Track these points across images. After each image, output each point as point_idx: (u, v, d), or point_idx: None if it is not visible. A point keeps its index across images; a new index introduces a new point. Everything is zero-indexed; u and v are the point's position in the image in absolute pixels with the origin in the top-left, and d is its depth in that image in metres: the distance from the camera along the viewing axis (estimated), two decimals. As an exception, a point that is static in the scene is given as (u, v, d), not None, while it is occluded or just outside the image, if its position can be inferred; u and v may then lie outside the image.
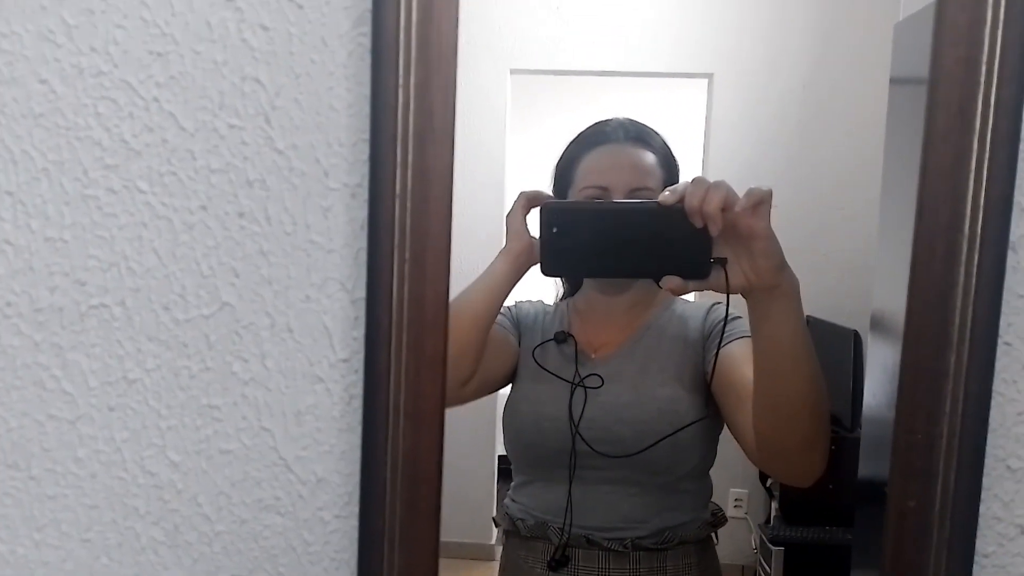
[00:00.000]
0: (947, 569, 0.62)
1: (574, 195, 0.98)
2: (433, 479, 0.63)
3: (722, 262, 0.69)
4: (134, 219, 0.64)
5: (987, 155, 0.59)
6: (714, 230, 0.67)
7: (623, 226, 0.69)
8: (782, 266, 0.70)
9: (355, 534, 0.65)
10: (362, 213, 0.62)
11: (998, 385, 0.62)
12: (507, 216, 0.89)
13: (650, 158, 0.98)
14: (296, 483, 0.66)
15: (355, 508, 0.65)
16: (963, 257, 0.60)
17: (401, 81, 0.59)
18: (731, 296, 0.73)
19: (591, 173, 0.97)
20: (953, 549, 0.62)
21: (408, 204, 0.61)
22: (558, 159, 1.03)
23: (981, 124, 0.58)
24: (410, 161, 0.60)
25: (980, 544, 0.63)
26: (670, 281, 0.69)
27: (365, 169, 0.62)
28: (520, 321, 1.07)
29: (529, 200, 0.87)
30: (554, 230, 0.70)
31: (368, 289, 0.62)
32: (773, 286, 0.70)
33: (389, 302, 0.62)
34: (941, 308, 0.60)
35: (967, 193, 0.59)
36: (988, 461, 0.62)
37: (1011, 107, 0.58)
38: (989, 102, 0.58)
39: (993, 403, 0.61)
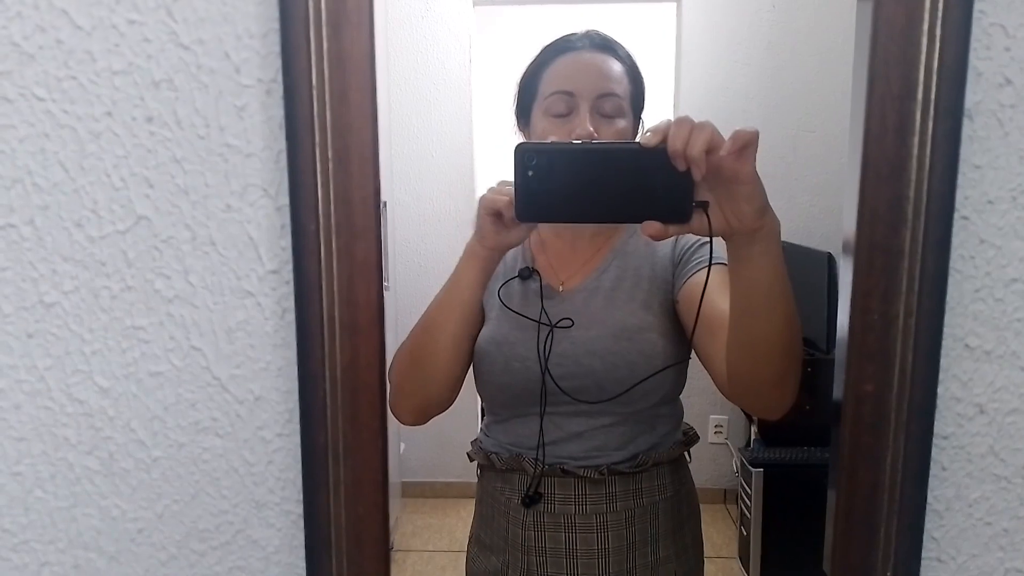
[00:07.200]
0: (905, 453, 0.61)
1: (539, 105, 0.94)
2: (374, 388, 0.61)
3: (703, 206, 0.66)
4: (35, 130, 0.59)
5: (939, 15, 0.55)
6: (698, 174, 0.63)
7: (602, 168, 0.65)
8: (765, 209, 0.67)
9: (298, 452, 0.63)
10: (279, 111, 0.58)
11: (955, 261, 0.59)
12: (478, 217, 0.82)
13: (617, 66, 0.94)
14: (233, 403, 0.63)
15: (296, 425, 0.63)
16: (916, 127, 0.57)
17: (308, -41, 0.54)
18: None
19: (557, 78, 0.93)
20: (911, 432, 0.61)
21: (327, 98, 0.57)
22: (523, 73, 0.99)
23: (933, -20, 0.54)
24: (325, 49, 0.56)
25: (939, 426, 0.61)
26: (650, 227, 0.65)
27: (279, 62, 0.57)
28: None
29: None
30: (529, 173, 0.65)
31: (291, 194, 0.58)
32: (755, 229, 0.67)
33: (315, 207, 0.59)
34: (895, 182, 0.57)
35: (919, 57, 0.56)
36: (946, 341, 0.60)
37: (965, -40, 0.54)
38: (941, -45, 0.54)
39: (950, 280, 0.59)
